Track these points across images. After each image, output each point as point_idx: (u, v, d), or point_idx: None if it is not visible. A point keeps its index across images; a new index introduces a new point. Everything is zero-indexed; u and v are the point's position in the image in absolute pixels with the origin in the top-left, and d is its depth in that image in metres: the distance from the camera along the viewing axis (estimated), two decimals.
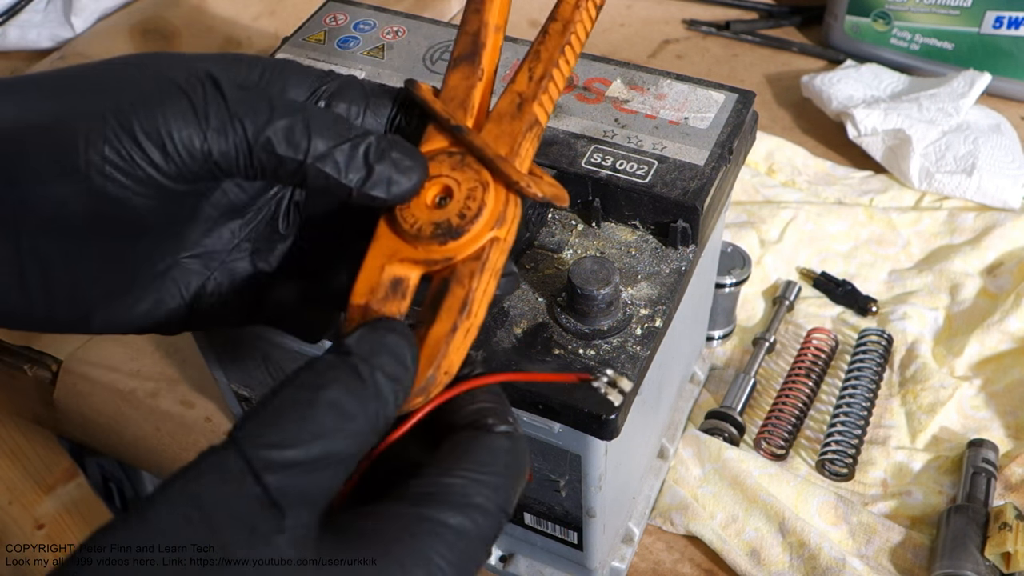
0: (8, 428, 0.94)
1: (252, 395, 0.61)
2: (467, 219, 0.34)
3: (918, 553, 0.60)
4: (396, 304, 0.34)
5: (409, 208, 0.35)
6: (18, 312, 0.35)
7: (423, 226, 0.34)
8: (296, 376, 0.29)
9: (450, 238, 0.34)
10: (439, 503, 0.29)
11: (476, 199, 0.34)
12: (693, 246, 0.49)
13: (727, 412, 0.68)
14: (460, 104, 0.38)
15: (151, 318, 0.38)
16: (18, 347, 0.80)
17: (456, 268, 0.34)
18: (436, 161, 0.36)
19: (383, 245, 0.35)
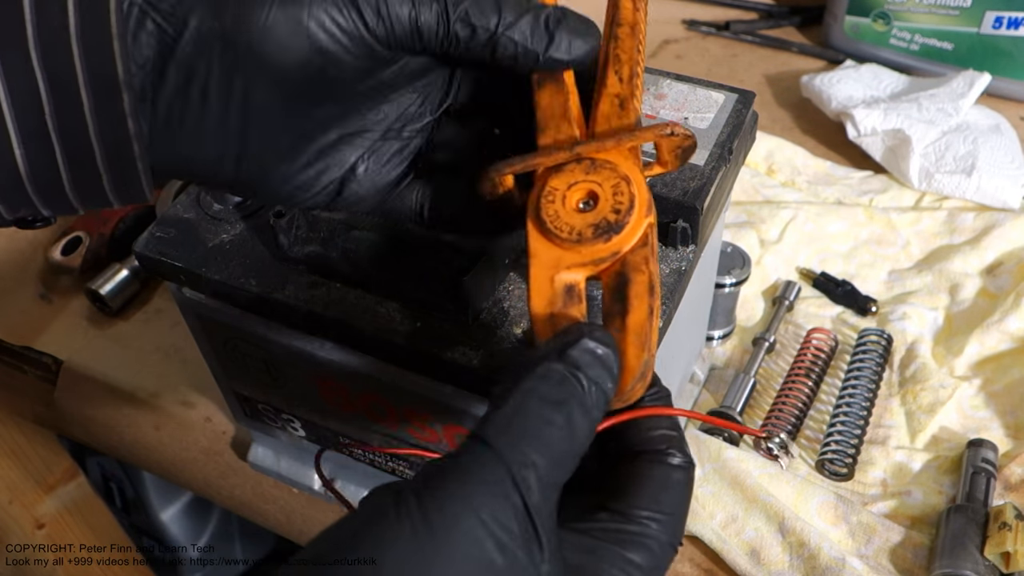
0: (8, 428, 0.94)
1: (252, 395, 0.61)
2: (623, 212, 0.36)
3: (918, 553, 0.60)
4: (576, 308, 0.36)
5: (561, 219, 0.36)
6: (210, 155, 0.37)
7: (582, 230, 0.36)
8: (534, 385, 0.31)
9: (613, 233, 0.36)
10: (631, 544, 0.32)
11: (624, 193, 0.36)
12: (693, 246, 0.49)
13: (727, 412, 0.68)
14: (563, 117, 0.39)
15: (308, 188, 0.40)
16: (18, 347, 0.80)
17: (627, 259, 0.36)
18: (567, 170, 0.37)
19: (543, 260, 0.36)
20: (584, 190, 0.37)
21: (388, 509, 0.28)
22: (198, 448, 0.76)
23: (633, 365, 0.34)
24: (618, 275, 0.36)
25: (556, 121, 0.39)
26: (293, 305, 0.47)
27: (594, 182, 0.37)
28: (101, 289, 0.80)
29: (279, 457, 0.70)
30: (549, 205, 0.37)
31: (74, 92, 0.32)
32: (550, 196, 0.37)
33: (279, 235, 0.47)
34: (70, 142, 0.33)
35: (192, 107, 0.35)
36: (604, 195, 0.36)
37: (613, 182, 0.37)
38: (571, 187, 0.37)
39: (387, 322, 0.46)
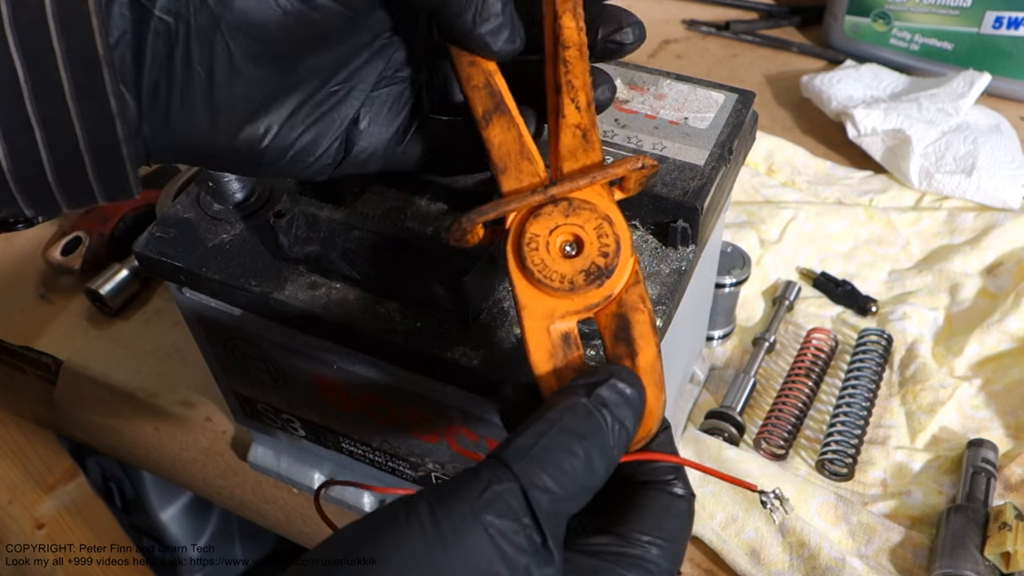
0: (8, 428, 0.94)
1: (252, 395, 0.61)
2: (611, 256, 0.36)
3: (918, 553, 0.60)
4: (577, 355, 0.36)
5: (549, 268, 0.36)
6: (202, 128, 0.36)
7: (574, 278, 0.35)
8: (560, 416, 0.31)
9: (605, 278, 0.35)
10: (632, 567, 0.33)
11: (609, 234, 0.36)
12: (693, 246, 0.49)
13: (727, 412, 0.68)
14: (521, 156, 0.38)
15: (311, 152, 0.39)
16: (18, 347, 0.80)
17: (622, 299, 0.36)
18: (545, 214, 0.36)
19: (535, 311, 0.36)
20: (567, 234, 0.36)
21: (399, 514, 0.29)
22: (198, 448, 0.75)
23: (654, 406, 0.35)
24: (617, 316, 0.36)
25: (515, 160, 0.38)
26: (293, 305, 0.47)
27: (576, 225, 0.36)
28: (101, 289, 0.80)
29: (279, 457, 0.70)
30: (534, 253, 0.36)
31: (54, 74, 0.31)
32: (532, 244, 0.36)
33: (279, 235, 0.47)
34: (52, 129, 0.32)
35: (177, 77, 0.35)
36: (589, 238, 0.36)
37: (595, 224, 0.36)
38: (552, 232, 0.36)
39: (387, 322, 0.46)
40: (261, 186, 0.52)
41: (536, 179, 0.37)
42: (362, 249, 0.46)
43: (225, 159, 0.39)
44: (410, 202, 0.52)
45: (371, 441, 0.58)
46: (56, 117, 0.32)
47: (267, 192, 0.52)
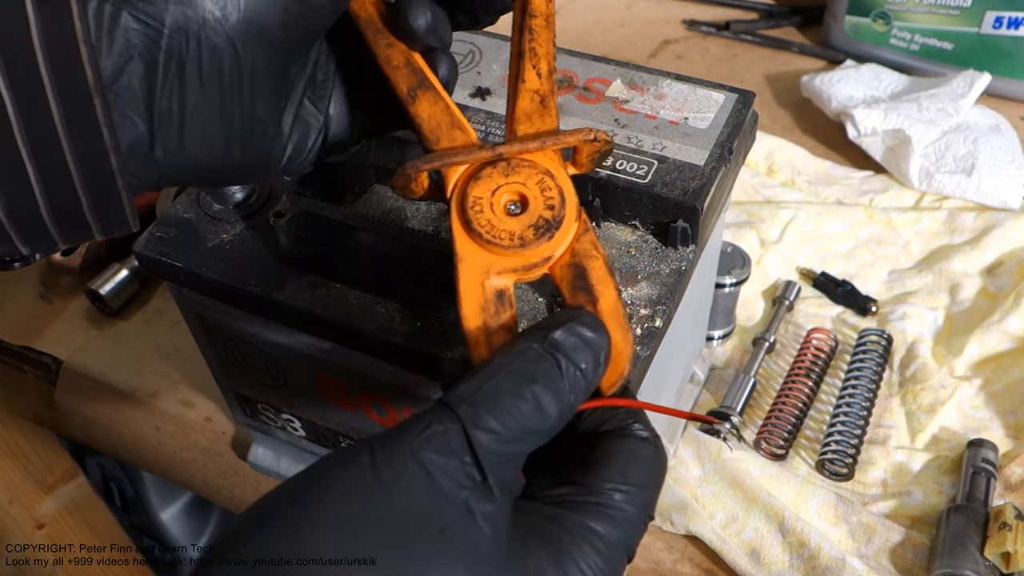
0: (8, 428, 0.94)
1: (252, 395, 0.61)
2: (557, 208, 0.36)
3: (918, 553, 0.60)
4: (508, 313, 0.36)
5: (497, 228, 0.36)
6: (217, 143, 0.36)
7: (523, 234, 0.36)
8: (509, 361, 0.31)
9: (555, 230, 0.36)
10: (595, 514, 0.32)
11: (552, 187, 0.36)
12: (693, 246, 0.49)
13: (727, 412, 0.68)
14: (452, 126, 0.38)
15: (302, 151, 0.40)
16: (18, 347, 0.80)
17: (575, 249, 0.36)
18: (485, 176, 0.37)
19: (472, 264, 0.36)
20: (510, 192, 0.36)
21: (343, 457, 0.29)
22: (198, 448, 0.75)
23: (623, 348, 0.35)
24: (572, 267, 0.36)
25: (447, 131, 0.38)
26: (293, 305, 0.47)
27: (518, 183, 0.36)
28: (101, 289, 0.80)
29: (279, 457, 0.70)
30: (479, 215, 0.36)
31: (44, 108, 0.31)
32: (476, 206, 0.36)
33: (279, 235, 0.47)
34: (45, 164, 0.31)
35: (190, 95, 0.34)
36: (532, 194, 0.36)
37: (537, 179, 0.36)
38: (495, 192, 0.36)
39: (387, 322, 0.46)
40: (261, 186, 0.52)
41: (467, 143, 0.38)
42: (362, 249, 0.46)
43: (237, 172, 0.38)
44: (410, 202, 0.52)
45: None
46: (48, 152, 0.31)
47: (267, 192, 0.52)
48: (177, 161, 0.35)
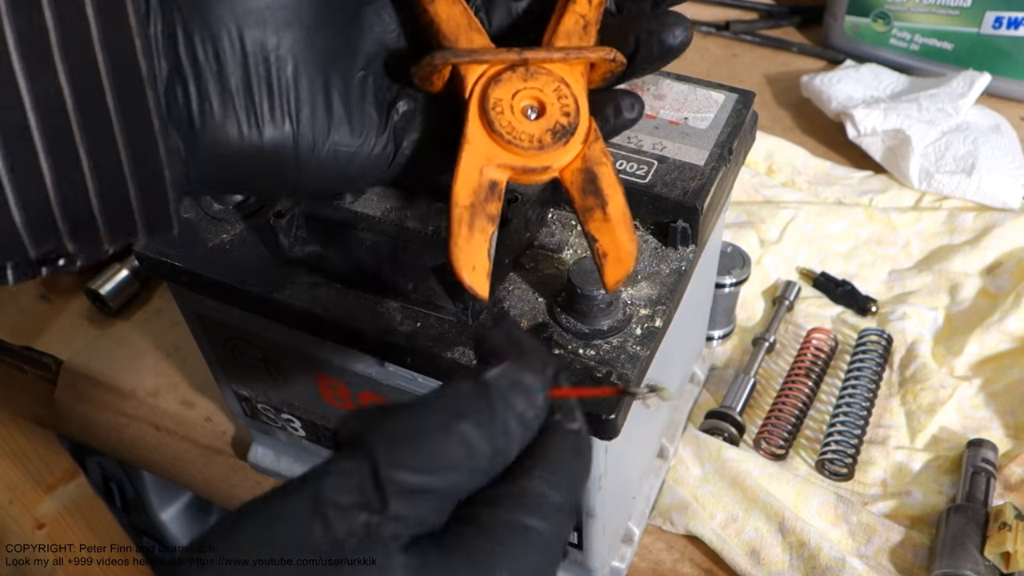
0: (8, 428, 0.94)
1: (252, 395, 0.61)
2: (572, 114, 0.37)
3: (918, 553, 0.60)
4: (495, 205, 0.37)
5: (518, 129, 0.37)
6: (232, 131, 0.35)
7: (541, 137, 0.37)
8: (436, 399, 0.30)
9: (570, 135, 0.37)
10: (520, 507, 0.30)
11: (568, 95, 0.38)
12: (693, 246, 0.49)
13: (727, 412, 0.68)
14: (471, 28, 0.39)
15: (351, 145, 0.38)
16: (18, 347, 0.80)
17: (586, 154, 0.38)
18: (505, 80, 0.38)
19: (478, 150, 0.37)
20: (527, 97, 0.38)
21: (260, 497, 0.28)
22: (198, 448, 0.76)
23: (630, 248, 0.37)
24: (583, 171, 0.38)
25: (465, 32, 0.38)
26: (293, 305, 0.47)
27: (536, 88, 0.38)
28: (101, 289, 0.80)
29: (279, 457, 0.70)
30: (500, 117, 0.37)
31: (102, 102, 0.31)
32: (498, 108, 0.37)
33: (279, 235, 0.47)
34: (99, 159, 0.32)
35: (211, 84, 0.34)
36: (549, 100, 0.37)
37: (553, 86, 0.38)
38: (515, 95, 0.37)
39: (387, 322, 0.46)
40: None
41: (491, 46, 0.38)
42: (362, 249, 0.46)
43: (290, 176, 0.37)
44: (410, 202, 0.52)
45: None
46: (103, 146, 0.32)
47: None
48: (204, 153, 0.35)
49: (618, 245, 0.37)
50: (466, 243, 0.37)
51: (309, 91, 0.36)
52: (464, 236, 0.37)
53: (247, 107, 0.35)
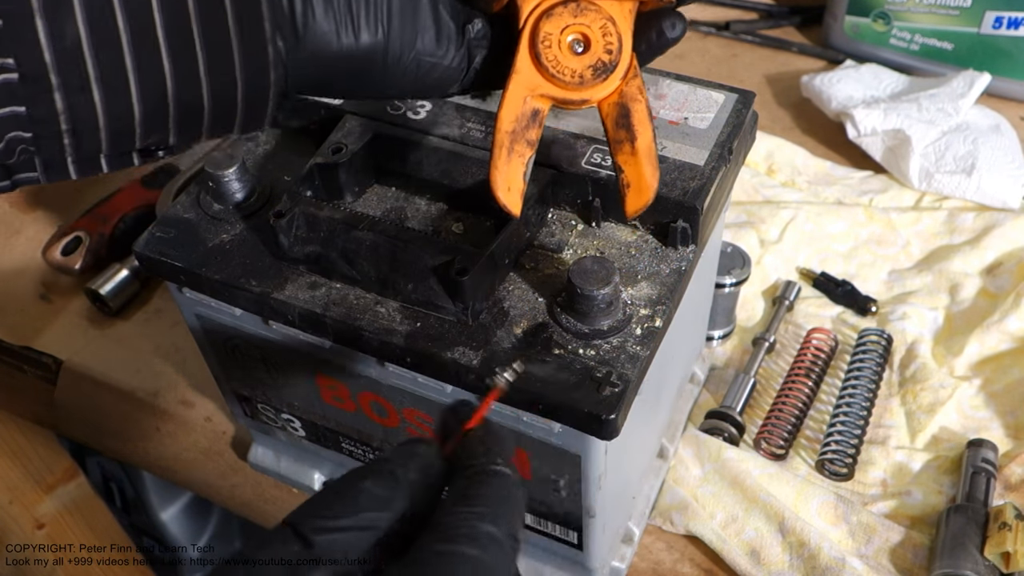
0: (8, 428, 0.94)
1: (252, 395, 0.61)
2: (615, 52, 0.40)
3: (918, 553, 0.60)
4: (535, 132, 0.41)
5: (562, 64, 0.40)
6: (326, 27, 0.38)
7: (582, 72, 0.40)
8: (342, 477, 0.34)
9: (609, 72, 0.40)
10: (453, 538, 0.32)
11: (612, 33, 0.40)
12: (693, 246, 0.49)
13: (727, 412, 0.68)
14: None
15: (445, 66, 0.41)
16: (18, 347, 0.80)
17: (623, 91, 0.41)
18: (556, 15, 0.40)
19: (525, 80, 0.40)
20: (575, 33, 0.40)
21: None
22: (198, 448, 0.75)
23: (652, 182, 0.41)
24: (618, 106, 0.41)
25: None
26: (293, 305, 0.47)
27: (583, 24, 0.40)
28: (101, 289, 0.80)
29: (279, 457, 0.70)
30: (548, 50, 0.40)
31: (219, 1, 0.34)
32: (547, 41, 0.40)
33: (279, 235, 0.47)
34: (214, 54, 0.35)
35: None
36: (594, 37, 0.40)
37: (600, 24, 0.40)
38: (563, 31, 0.40)
39: (387, 322, 0.46)
40: (261, 186, 0.52)
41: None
42: (362, 249, 0.46)
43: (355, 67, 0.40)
44: (410, 202, 0.52)
45: (371, 441, 0.58)
46: (219, 47, 0.35)
47: (267, 192, 0.52)
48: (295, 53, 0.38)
49: (641, 177, 0.41)
50: (504, 165, 0.41)
51: (400, 2, 0.39)
52: (503, 159, 0.41)
53: (346, 14, 0.38)
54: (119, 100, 0.34)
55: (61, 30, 0.32)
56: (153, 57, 0.34)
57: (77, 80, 0.33)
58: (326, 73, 0.40)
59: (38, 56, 0.32)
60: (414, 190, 0.52)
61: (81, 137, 0.35)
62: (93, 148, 0.36)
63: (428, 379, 0.48)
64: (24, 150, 0.35)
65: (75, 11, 0.32)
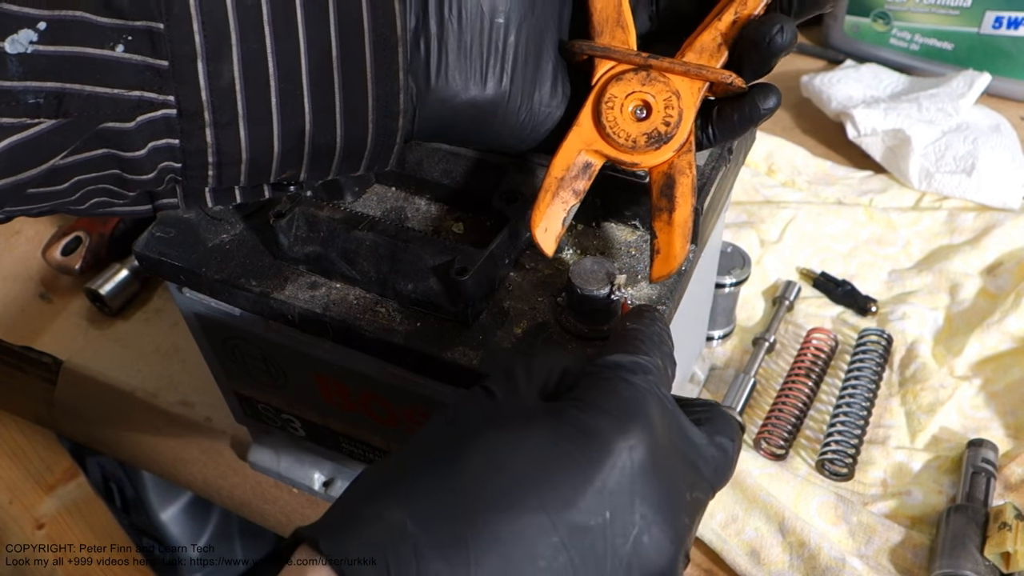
0: (8, 428, 0.94)
1: (252, 395, 0.61)
2: (672, 125, 0.41)
3: (918, 553, 0.60)
4: (584, 182, 0.43)
5: (619, 126, 0.42)
6: (489, 94, 0.42)
7: (636, 138, 0.42)
8: None
9: (663, 143, 0.42)
10: (622, 367, 0.36)
11: (674, 107, 0.42)
12: (693, 246, 0.49)
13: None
14: (617, 24, 0.43)
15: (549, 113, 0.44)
16: (18, 347, 0.80)
17: (674, 163, 0.42)
18: (626, 79, 0.42)
19: (583, 134, 0.43)
20: (640, 100, 0.42)
21: None
22: (198, 448, 0.75)
23: (680, 254, 0.42)
24: (666, 175, 0.42)
25: (611, 27, 0.43)
26: (293, 305, 0.47)
27: (648, 94, 0.42)
28: (101, 289, 0.80)
29: (279, 457, 0.70)
30: (609, 111, 0.42)
31: (360, 52, 0.37)
32: (610, 103, 0.42)
33: (279, 235, 0.47)
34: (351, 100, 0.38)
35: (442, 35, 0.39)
36: (657, 107, 0.42)
37: (665, 96, 0.42)
38: (628, 96, 0.42)
39: (387, 322, 0.46)
40: None
41: (625, 47, 0.43)
42: (362, 249, 0.46)
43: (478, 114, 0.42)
44: (410, 202, 0.52)
45: (371, 441, 0.58)
46: (356, 91, 0.38)
47: None
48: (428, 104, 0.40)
49: (671, 247, 0.42)
50: (546, 207, 0.43)
51: (524, 55, 0.42)
52: (545, 201, 0.43)
53: (478, 65, 0.40)
54: (262, 138, 0.37)
55: (219, 72, 0.35)
56: (296, 99, 0.37)
57: (227, 118, 0.36)
58: (451, 120, 0.42)
59: (196, 95, 0.35)
60: (414, 190, 0.52)
61: (223, 169, 0.38)
62: (232, 180, 0.39)
63: (428, 379, 0.48)
64: (172, 179, 0.38)
65: (233, 56, 0.35)
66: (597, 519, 0.32)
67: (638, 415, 0.34)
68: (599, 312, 0.44)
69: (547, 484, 0.32)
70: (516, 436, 0.33)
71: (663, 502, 0.33)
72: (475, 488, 0.32)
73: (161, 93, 0.35)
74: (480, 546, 0.30)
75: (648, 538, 0.33)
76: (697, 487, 0.36)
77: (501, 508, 0.31)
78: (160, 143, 0.36)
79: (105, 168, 0.37)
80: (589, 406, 0.34)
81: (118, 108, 0.35)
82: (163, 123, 0.36)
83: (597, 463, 0.33)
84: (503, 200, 0.48)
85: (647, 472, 0.33)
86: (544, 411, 0.35)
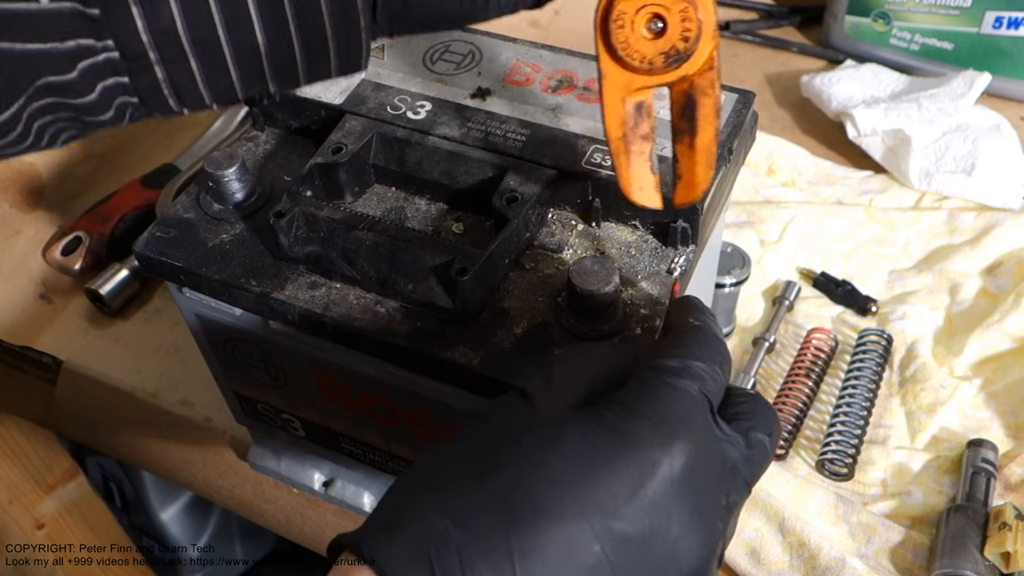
0: (8, 428, 0.94)
1: (252, 395, 0.61)
2: (691, 40, 0.38)
3: (918, 553, 0.60)
4: (646, 123, 0.40)
5: (631, 47, 0.38)
6: None
7: (653, 59, 0.38)
8: None
9: (682, 61, 0.38)
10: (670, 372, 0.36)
11: (692, 19, 0.37)
12: (693, 246, 0.49)
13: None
14: None
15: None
16: (18, 347, 0.80)
17: (695, 82, 0.39)
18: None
19: (614, 82, 0.39)
20: (651, 13, 0.38)
21: None
22: (198, 448, 0.76)
23: (703, 181, 0.40)
24: (686, 95, 0.39)
25: None
26: (293, 305, 0.47)
27: (661, 5, 0.37)
28: (101, 289, 0.80)
29: (279, 457, 0.70)
30: (619, 31, 0.38)
31: None
32: (619, 21, 0.38)
33: (279, 235, 0.47)
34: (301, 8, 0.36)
35: None
36: (672, 20, 0.37)
37: (680, 6, 0.37)
38: (639, 11, 0.38)
39: (387, 322, 0.46)
40: (261, 186, 0.52)
41: None
42: (362, 249, 0.46)
43: None
44: (410, 202, 0.52)
45: (371, 441, 0.58)
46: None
47: (267, 192, 0.52)
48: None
49: (693, 173, 0.40)
50: (627, 170, 0.41)
51: None
52: (624, 165, 0.41)
53: None
54: (216, 67, 0.37)
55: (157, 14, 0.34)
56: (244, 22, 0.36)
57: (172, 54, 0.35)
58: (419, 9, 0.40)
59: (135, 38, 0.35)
60: (414, 190, 0.52)
61: (184, 99, 0.38)
62: (197, 105, 0.38)
63: (428, 379, 0.48)
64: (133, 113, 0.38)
65: None
66: (637, 528, 0.32)
67: (681, 423, 0.34)
68: (599, 312, 0.44)
69: (588, 492, 0.32)
70: (554, 441, 0.33)
71: (700, 509, 0.33)
72: (515, 494, 0.32)
73: (99, 39, 0.34)
74: (523, 553, 0.30)
75: (684, 544, 0.33)
76: (734, 490, 0.36)
77: (542, 515, 0.31)
78: (109, 82, 0.36)
79: (58, 112, 0.36)
80: (631, 412, 0.34)
81: (54, 62, 0.34)
82: (108, 65, 0.35)
83: (638, 472, 0.32)
84: (503, 200, 0.48)
85: (686, 481, 0.33)
86: (583, 416, 0.34)
